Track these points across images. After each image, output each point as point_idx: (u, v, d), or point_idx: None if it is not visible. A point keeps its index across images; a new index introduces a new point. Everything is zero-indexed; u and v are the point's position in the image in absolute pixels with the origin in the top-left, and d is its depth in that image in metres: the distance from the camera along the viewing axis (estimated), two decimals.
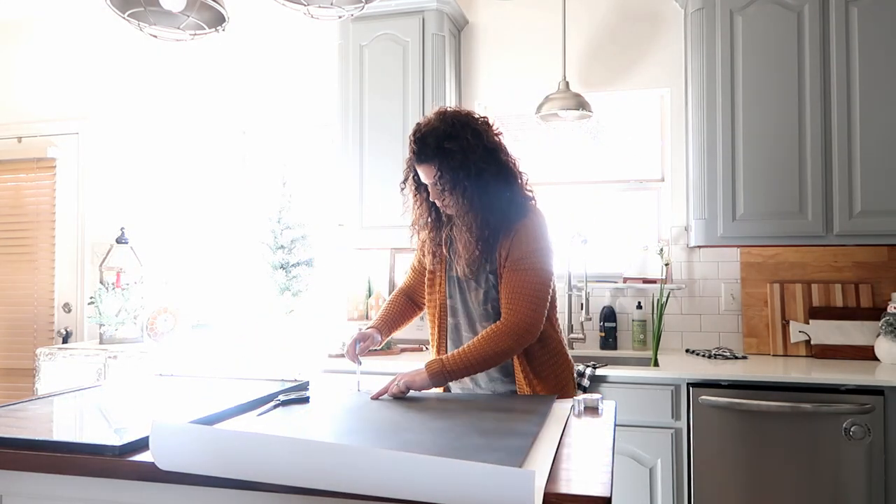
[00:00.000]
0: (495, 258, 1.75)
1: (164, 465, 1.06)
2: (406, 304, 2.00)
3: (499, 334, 1.66)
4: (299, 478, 0.99)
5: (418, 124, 1.76)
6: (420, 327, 3.06)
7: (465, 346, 1.67)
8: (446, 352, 1.86)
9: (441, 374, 1.64)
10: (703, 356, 2.77)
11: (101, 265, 3.47)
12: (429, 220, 1.83)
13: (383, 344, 1.95)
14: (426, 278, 1.91)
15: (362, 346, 1.83)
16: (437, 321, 1.87)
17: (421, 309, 2.02)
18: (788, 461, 2.33)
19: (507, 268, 1.71)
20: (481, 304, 1.79)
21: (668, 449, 2.43)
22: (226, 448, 1.03)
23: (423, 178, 1.75)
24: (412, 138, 1.74)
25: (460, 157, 1.67)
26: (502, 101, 3.31)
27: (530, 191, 1.81)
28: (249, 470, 1.02)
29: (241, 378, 1.86)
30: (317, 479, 0.98)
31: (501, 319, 1.69)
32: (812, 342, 2.77)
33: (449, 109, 1.77)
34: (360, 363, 1.84)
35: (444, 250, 1.85)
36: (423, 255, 1.89)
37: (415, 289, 2.00)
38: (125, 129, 3.78)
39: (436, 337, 1.88)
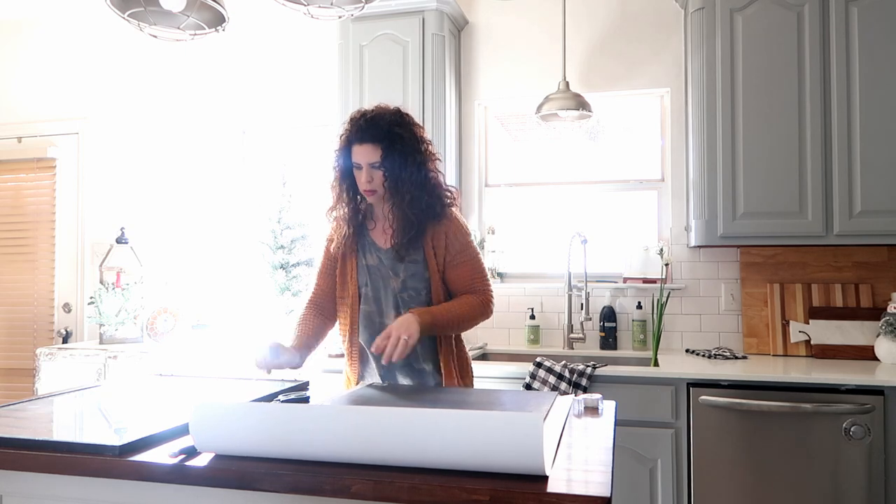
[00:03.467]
0: (421, 246, 1.85)
1: (203, 448, 1.12)
2: (319, 321, 1.94)
3: (476, 303, 1.85)
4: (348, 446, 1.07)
5: (361, 110, 1.84)
6: None
7: (447, 305, 1.81)
8: (358, 337, 1.90)
9: (432, 325, 1.75)
10: (703, 356, 2.77)
11: (101, 265, 3.47)
12: (347, 208, 1.88)
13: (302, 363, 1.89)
14: (338, 269, 1.94)
15: (280, 362, 1.76)
16: (349, 309, 1.91)
17: (333, 321, 1.98)
18: (788, 461, 2.33)
19: (454, 260, 1.86)
20: (397, 292, 1.86)
21: (668, 449, 2.43)
22: (271, 422, 1.09)
23: (358, 158, 1.80)
24: (358, 119, 1.80)
25: (408, 144, 1.80)
26: (502, 101, 3.31)
27: (450, 193, 1.90)
28: (296, 443, 1.08)
29: (241, 378, 1.86)
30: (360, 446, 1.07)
31: (474, 294, 1.86)
32: (812, 342, 2.77)
33: (391, 105, 1.88)
34: (269, 373, 1.77)
35: (354, 241, 1.91)
36: (337, 247, 1.91)
37: (325, 295, 1.97)
38: (125, 129, 3.78)
39: (348, 325, 1.91)
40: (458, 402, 1.50)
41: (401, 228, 1.82)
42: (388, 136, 1.78)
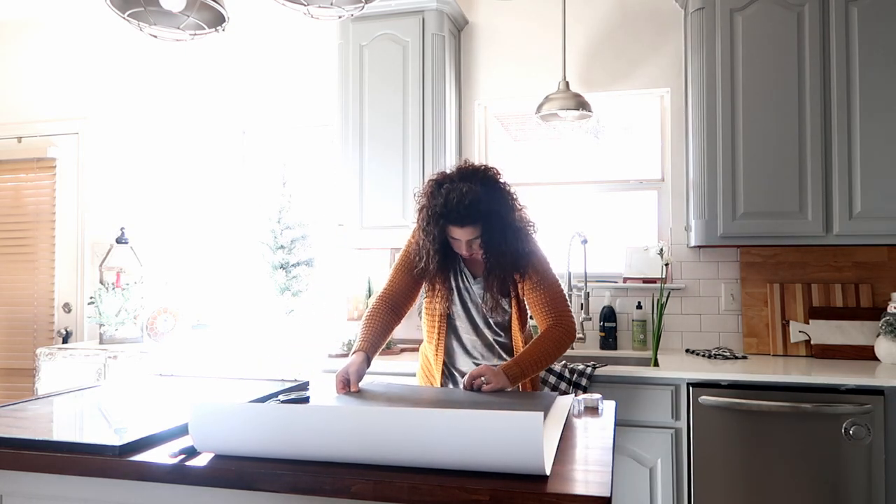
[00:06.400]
0: (508, 288, 1.96)
1: (203, 448, 1.12)
2: (390, 318, 1.96)
3: (558, 336, 1.89)
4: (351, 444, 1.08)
5: (454, 188, 1.81)
6: (420, 327, 3.06)
7: (533, 350, 1.86)
8: (444, 346, 2.01)
9: (521, 377, 1.82)
10: (703, 356, 2.77)
11: (101, 265, 3.47)
12: (434, 252, 1.90)
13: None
14: (426, 284, 2.02)
15: (354, 387, 1.74)
16: (437, 324, 2.02)
17: (402, 317, 2.02)
18: (788, 461, 2.33)
19: (535, 286, 1.94)
20: (487, 315, 1.99)
21: (668, 449, 2.43)
22: (269, 422, 1.09)
23: (457, 236, 1.85)
24: (456, 205, 1.79)
25: (504, 214, 1.86)
26: (502, 101, 3.31)
27: (531, 225, 1.97)
28: (294, 442, 1.08)
29: (241, 378, 1.86)
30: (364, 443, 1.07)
31: (556, 323, 1.91)
32: (812, 342, 2.77)
33: (472, 167, 1.89)
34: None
35: (449, 280, 2.00)
36: (423, 266, 1.95)
37: (400, 292, 2.00)
38: (125, 129, 3.78)
39: (435, 337, 2.03)
40: (459, 403, 1.50)
41: (494, 276, 1.90)
42: (487, 218, 1.82)
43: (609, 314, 3.05)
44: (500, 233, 1.85)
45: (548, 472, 1.03)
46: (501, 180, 1.91)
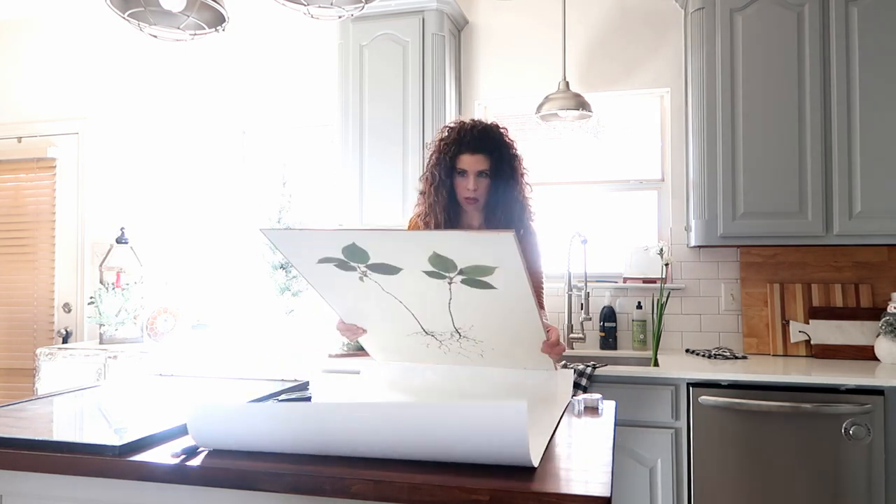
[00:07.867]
0: None
1: (203, 444, 1.13)
2: None
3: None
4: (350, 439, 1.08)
5: (465, 121, 1.89)
6: None
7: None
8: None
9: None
10: (703, 356, 2.77)
11: (101, 265, 3.47)
12: (441, 215, 1.90)
13: None
14: None
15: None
16: None
17: None
18: (788, 461, 2.33)
19: (529, 264, 1.89)
20: None
21: (668, 449, 2.43)
22: (265, 419, 1.09)
23: (466, 166, 1.84)
24: (470, 130, 1.85)
25: (512, 158, 1.90)
26: (502, 101, 3.31)
27: (532, 208, 2.00)
28: (297, 439, 1.09)
29: (241, 378, 1.86)
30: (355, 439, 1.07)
31: (542, 309, 1.91)
32: (812, 342, 2.77)
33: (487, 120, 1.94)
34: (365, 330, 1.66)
35: None
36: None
37: None
38: (125, 129, 3.78)
39: None
40: (461, 391, 1.50)
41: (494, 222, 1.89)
42: (498, 148, 1.86)
43: (609, 314, 3.05)
44: (509, 173, 1.87)
45: (536, 463, 1.04)
46: (514, 140, 1.95)
